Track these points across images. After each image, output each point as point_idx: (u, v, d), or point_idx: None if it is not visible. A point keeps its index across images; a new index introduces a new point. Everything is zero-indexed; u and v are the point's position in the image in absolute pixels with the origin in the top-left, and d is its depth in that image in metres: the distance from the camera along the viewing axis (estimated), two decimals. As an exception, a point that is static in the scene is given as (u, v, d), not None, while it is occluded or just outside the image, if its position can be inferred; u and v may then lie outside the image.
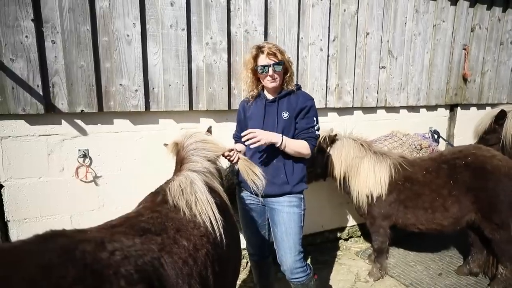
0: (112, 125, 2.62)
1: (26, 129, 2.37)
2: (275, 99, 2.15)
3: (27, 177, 2.42)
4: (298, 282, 2.19)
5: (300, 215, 2.18)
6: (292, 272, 2.17)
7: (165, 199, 1.46)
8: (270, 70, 2.05)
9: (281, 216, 2.16)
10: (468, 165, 2.80)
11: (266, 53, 2.05)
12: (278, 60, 2.04)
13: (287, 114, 2.12)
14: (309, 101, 2.15)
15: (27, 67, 2.24)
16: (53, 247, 0.92)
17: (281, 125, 2.11)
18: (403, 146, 3.46)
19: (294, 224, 2.15)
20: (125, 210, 1.51)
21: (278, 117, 2.12)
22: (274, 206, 2.19)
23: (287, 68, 2.13)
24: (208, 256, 1.29)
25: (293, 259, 2.15)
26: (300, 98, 2.15)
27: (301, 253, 2.19)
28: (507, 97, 4.79)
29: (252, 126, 2.17)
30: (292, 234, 2.15)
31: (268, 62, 2.05)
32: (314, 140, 2.14)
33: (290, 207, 2.15)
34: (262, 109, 2.17)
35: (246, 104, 2.32)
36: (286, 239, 2.15)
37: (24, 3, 2.17)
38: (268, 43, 2.11)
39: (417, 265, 3.37)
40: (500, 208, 2.69)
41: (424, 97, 4.07)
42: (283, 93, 2.15)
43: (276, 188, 2.13)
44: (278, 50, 2.05)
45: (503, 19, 4.45)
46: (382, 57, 3.68)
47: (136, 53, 2.52)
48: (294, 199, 2.17)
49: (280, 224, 2.17)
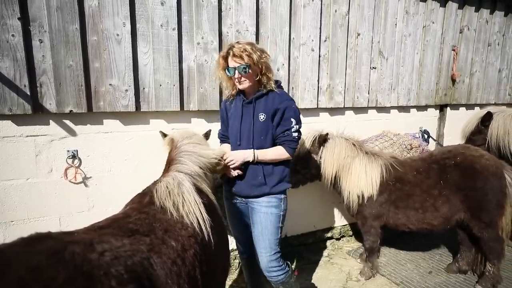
0: (102, 125, 2.59)
1: (13, 130, 2.33)
2: (251, 100, 2.13)
3: (14, 178, 2.37)
4: (276, 281, 2.21)
5: (278, 215, 2.18)
6: (268, 271, 2.19)
7: (152, 200, 1.45)
8: (236, 73, 2.02)
9: (259, 216, 2.18)
10: (458, 165, 2.84)
11: (232, 54, 2.01)
12: (244, 63, 1.98)
13: (263, 116, 2.10)
14: (284, 102, 2.09)
15: (14, 66, 2.20)
16: (41, 249, 0.90)
17: (257, 128, 2.11)
18: (394, 146, 3.50)
19: (270, 225, 2.16)
20: (115, 211, 1.50)
21: (255, 119, 2.11)
22: (254, 206, 2.21)
23: (259, 69, 2.06)
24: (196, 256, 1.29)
25: (268, 259, 2.17)
26: (276, 99, 2.10)
27: (277, 253, 2.20)
28: (495, 98, 4.89)
29: (231, 127, 2.24)
30: (268, 234, 2.15)
31: (234, 64, 2.02)
32: (292, 142, 2.12)
33: (268, 207, 2.16)
34: (240, 109, 2.17)
35: (227, 103, 2.33)
36: (262, 239, 2.17)
37: (11, 1, 2.13)
38: (239, 43, 2.04)
39: (408, 263, 3.41)
40: (488, 207, 2.74)
41: (414, 98, 4.12)
42: (259, 93, 2.12)
43: (255, 189, 2.15)
44: (246, 52, 1.97)
45: (491, 21, 4.53)
46: (373, 57, 3.71)
47: (126, 52, 2.50)
48: (273, 199, 2.17)
49: (257, 224, 2.19)
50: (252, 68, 2.02)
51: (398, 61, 3.91)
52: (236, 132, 2.19)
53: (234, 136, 2.22)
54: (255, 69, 2.05)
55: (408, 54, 3.97)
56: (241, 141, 2.16)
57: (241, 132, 2.15)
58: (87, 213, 2.62)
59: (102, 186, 2.64)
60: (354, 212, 3.07)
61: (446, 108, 4.46)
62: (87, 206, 2.62)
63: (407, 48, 3.95)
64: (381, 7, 3.66)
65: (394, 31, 3.81)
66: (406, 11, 3.84)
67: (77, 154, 2.51)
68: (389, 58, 3.84)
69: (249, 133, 2.12)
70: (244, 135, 2.15)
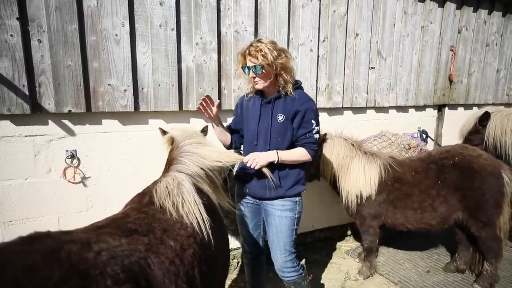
0: (100, 125, 2.59)
1: (11, 130, 2.33)
2: (270, 100, 2.10)
3: (13, 178, 2.37)
4: (290, 281, 2.23)
5: (292, 219, 2.17)
6: (282, 271, 2.22)
7: (152, 200, 1.46)
8: (251, 72, 2.01)
9: (273, 219, 2.17)
10: (456, 165, 2.85)
11: (248, 53, 1.99)
12: (258, 63, 1.95)
13: (282, 117, 2.07)
14: (305, 104, 2.06)
15: (12, 66, 2.20)
16: (38, 248, 0.91)
17: (275, 129, 2.08)
18: (392, 146, 3.51)
19: (285, 228, 2.16)
20: (114, 211, 1.50)
21: (273, 120, 2.08)
22: (268, 208, 2.20)
23: (275, 70, 2.02)
24: (195, 256, 1.29)
25: (283, 259, 2.19)
26: (296, 100, 2.07)
27: (292, 253, 2.21)
28: (493, 98, 4.90)
29: (248, 127, 2.19)
30: (283, 237, 2.16)
31: (249, 63, 2.00)
32: (313, 144, 2.10)
33: (283, 211, 2.15)
34: (258, 109, 2.14)
35: (244, 100, 2.29)
36: (277, 241, 2.18)
37: (9, 1, 2.13)
38: (260, 41, 1.99)
39: (406, 263, 3.42)
40: (486, 207, 2.75)
41: (412, 97, 4.13)
42: (278, 94, 2.09)
43: (269, 191, 2.12)
44: (261, 52, 1.94)
45: (489, 21, 4.55)
46: (372, 58, 3.72)
47: (125, 52, 2.50)
48: (287, 203, 2.15)
49: (272, 227, 2.19)
50: (266, 68, 1.98)
51: (396, 61, 3.92)
52: (253, 132, 2.15)
53: (251, 136, 2.18)
54: (270, 70, 2.00)
55: (407, 54, 3.98)
56: (258, 141, 2.12)
57: (258, 132, 2.12)
58: (86, 213, 2.62)
59: (100, 186, 2.64)
60: (353, 212, 3.07)
61: (444, 108, 4.47)
62: (86, 206, 2.62)
63: (406, 48, 3.96)
64: (380, 7, 3.67)
65: (392, 32, 3.82)
66: (404, 11, 3.85)
67: (76, 154, 2.51)
68: (388, 58, 3.85)
69: (266, 134, 2.09)
70: (262, 135, 2.11)
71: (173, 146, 1.87)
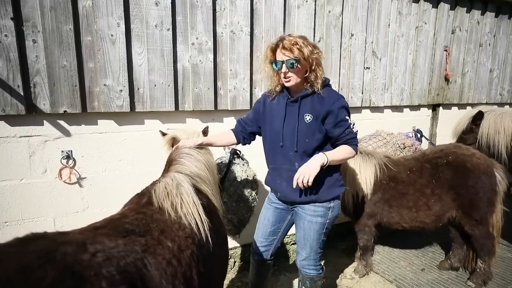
0: (96, 125, 2.58)
1: (6, 130, 2.31)
2: (297, 99, 1.96)
3: (8, 179, 2.36)
4: (307, 275, 2.24)
5: (322, 224, 2.09)
6: (303, 266, 2.23)
7: (151, 201, 1.46)
8: (284, 67, 1.86)
9: (302, 222, 2.13)
10: (450, 164, 2.88)
11: (281, 47, 1.84)
12: (294, 56, 1.81)
13: (309, 117, 1.93)
14: (336, 103, 1.91)
15: (7, 66, 2.19)
16: (33, 249, 0.90)
17: (302, 130, 1.95)
18: (387, 145, 3.53)
19: (313, 233, 2.11)
20: (110, 211, 1.50)
21: (300, 120, 1.95)
22: (298, 211, 2.15)
23: (309, 65, 1.88)
24: (193, 257, 1.29)
25: (307, 257, 2.20)
26: (325, 99, 1.92)
27: (317, 253, 2.20)
28: (486, 97, 4.96)
29: (273, 127, 2.06)
30: (310, 240, 2.14)
31: (282, 58, 1.85)
32: (355, 139, 1.99)
33: (313, 216, 2.07)
34: (283, 108, 2.01)
35: (268, 99, 2.14)
36: (303, 243, 2.17)
37: (3, 1, 2.11)
38: (291, 35, 1.87)
39: (401, 261, 3.45)
40: (479, 205, 2.79)
41: (407, 97, 4.16)
42: (306, 92, 1.94)
43: (300, 195, 2.03)
44: (297, 45, 1.81)
45: (482, 22, 4.60)
46: (367, 58, 3.75)
47: (120, 53, 2.50)
48: (319, 209, 2.06)
49: (300, 229, 2.16)
50: (301, 63, 1.85)
51: (391, 61, 3.95)
52: (278, 133, 2.02)
53: (275, 137, 2.04)
54: (305, 65, 1.87)
55: (401, 55, 4.01)
56: (284, 142, 2.00)
57: (284, 133, 1.99)
58: (82, 213, 2.62)
59: (96, 186, 2.63)
60: (349, 211, 3.10)
61: (438, 108, 4.52)
62: (82, 206, 2.61)
63: (400, 48, 3.99)
64: (375, 8, 3.70)
65: (387, 32, 3.84)
66: (399, 12, 3.88)
67: (71, 154, 2.50)
68: (383, 59, 3.87)
69: (293, 134, 1.96)
70: (288, 136, 1.99)
71: (173, 147, 1.87)
